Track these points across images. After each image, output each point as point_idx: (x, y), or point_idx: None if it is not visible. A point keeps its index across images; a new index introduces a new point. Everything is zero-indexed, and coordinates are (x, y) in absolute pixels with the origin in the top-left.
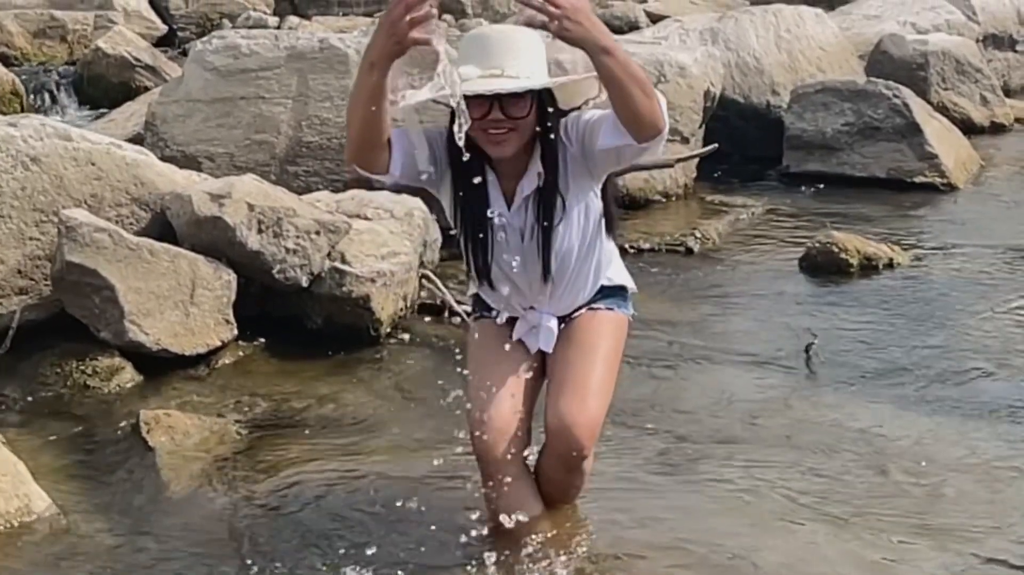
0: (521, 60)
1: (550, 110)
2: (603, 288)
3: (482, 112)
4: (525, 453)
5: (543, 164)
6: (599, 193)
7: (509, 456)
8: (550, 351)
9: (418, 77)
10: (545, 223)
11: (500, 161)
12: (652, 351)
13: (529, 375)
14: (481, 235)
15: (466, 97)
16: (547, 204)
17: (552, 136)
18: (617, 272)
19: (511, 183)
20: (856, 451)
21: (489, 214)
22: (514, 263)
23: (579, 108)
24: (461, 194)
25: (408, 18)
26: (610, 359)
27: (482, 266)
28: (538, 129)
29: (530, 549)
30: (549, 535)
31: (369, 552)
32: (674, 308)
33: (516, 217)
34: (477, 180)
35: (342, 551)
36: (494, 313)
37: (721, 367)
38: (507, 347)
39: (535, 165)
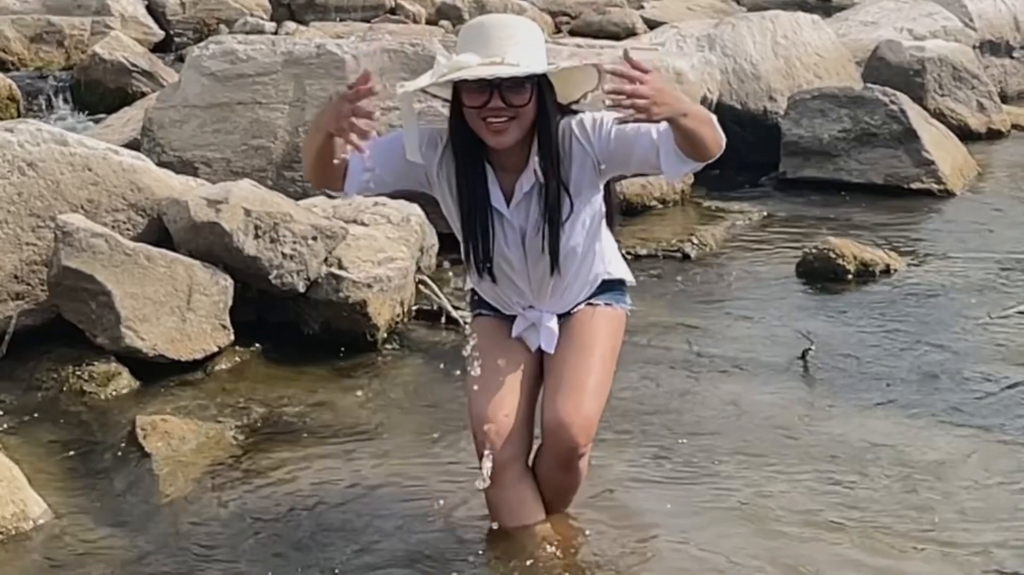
0: (521, 49)
1: (549, 103)
2: (602, 283)
3: (482, 100)
4: (526, 452)
5: (541, 159)
6: (601, 189)
7: (510, 455)
8: (551, 351)
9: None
10: (551, 220)
11: (499, 155)
12: (648, 357)
13: (529, 373)
14: (480, 230)
15: (466, 84)
16: (551, 201)
17: (551, 130)
18: (616, 266)
19: (510, 179)
20: (853, 457)
21: (488, 209)
22: (514, 261)
23: (578, 102)
24: (459, 188)
25: (349, 121)
26: (607, 358)
27: (481, 262)
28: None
29: (531, 550)
30: (550, 536)
31: (367, 557)
32: (671, 314)
33: (516, 215)
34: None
35: (340, 556)
36: (492, 311)
37: (717, 373)
38: (507, 345)
39: (534, 161)
